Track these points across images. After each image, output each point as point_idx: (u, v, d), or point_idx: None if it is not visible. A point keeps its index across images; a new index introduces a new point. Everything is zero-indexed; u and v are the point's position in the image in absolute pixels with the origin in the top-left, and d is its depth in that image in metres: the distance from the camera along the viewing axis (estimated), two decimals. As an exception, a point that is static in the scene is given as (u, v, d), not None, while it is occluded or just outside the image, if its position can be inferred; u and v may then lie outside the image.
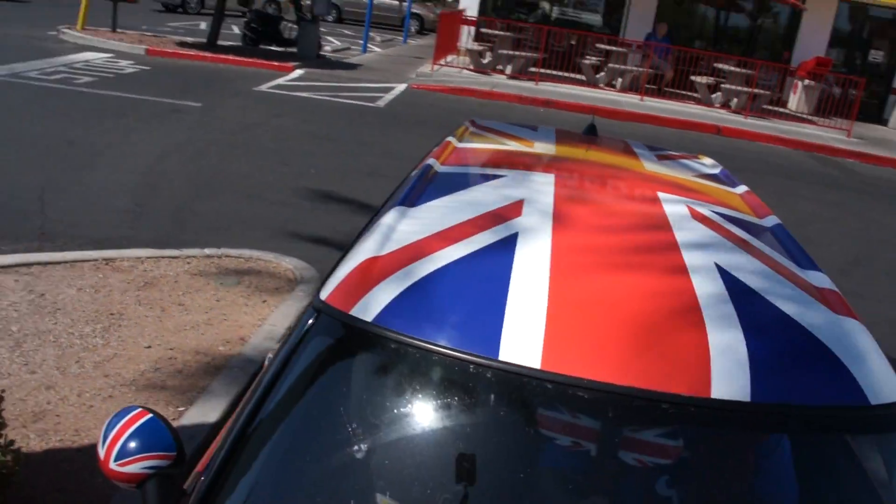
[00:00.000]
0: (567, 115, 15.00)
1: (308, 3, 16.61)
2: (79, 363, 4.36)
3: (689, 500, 1.87)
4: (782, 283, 2.19)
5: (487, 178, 2.77)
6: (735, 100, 18.03)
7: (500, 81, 17.20)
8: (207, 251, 6.16)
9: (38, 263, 5.57)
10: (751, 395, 1.69)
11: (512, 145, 3.57)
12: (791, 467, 1.95)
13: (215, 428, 3.93)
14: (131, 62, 14.54)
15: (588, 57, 18.78)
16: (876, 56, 20.73)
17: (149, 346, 4.64)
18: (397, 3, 31.93)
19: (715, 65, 18.72)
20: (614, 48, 18.66)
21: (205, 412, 3.99)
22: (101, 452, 1.88)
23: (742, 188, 3.33)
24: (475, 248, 2.06)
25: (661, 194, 2.87)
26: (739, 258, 2.27)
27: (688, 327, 1.83)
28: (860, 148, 15.60)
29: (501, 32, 18.23)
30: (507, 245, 2.10)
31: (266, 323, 5.06)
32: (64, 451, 3.64)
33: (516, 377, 1.69)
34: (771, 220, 2.88)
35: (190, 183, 8.04)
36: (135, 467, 1.85)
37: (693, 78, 18.51)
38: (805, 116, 18.96)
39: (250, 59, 15.66)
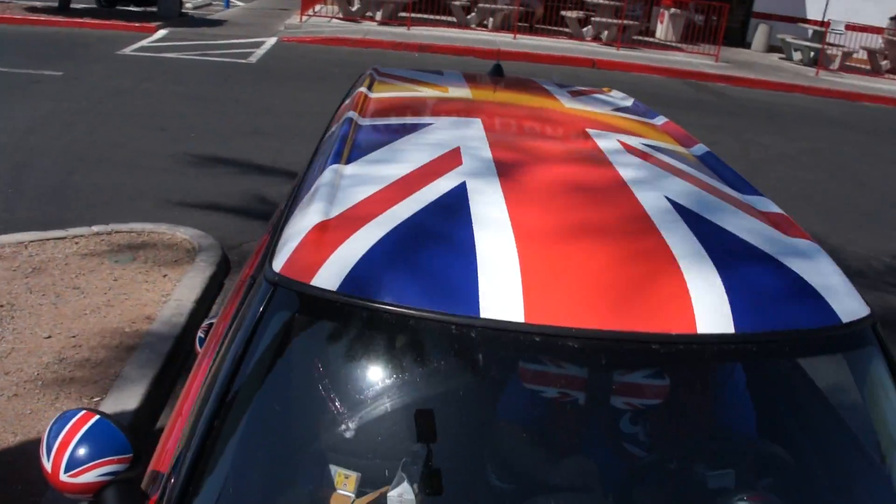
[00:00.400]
0: (444, 59, 14.83)
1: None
2: (-28, 362, 4.03)
3: (684, 436, 1.83)
4: (735, 212, 2.16)
5: (414, 127, 2.63)
6: (605, 32, 18.21)
7: (371, 28, 16.86)
8: (95, 228, 5.80)
9: None
10: (734, 326, 1.67)
11: (426, 91, 3.43)
12: (777, 392, 1.94)
13: (150, 418, 3.70)
14: (-23, 32, 13.55)
15: (457, -2, 18.60)
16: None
17: (49, 336, 4.33)
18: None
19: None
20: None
21: (122, 400, 3.75)
22: (48, 464, 1.68)
23: (661, 119, 3.30)
24: (426, 202, 1.93)
25: (590, 131, 2.80)
26: (687, 190, 2.23)
27: (662, 267, 1.78)
28: (729, 72, 16.04)
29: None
30: (459, 197, 1.99)
31: (171, 298, 4.80)
32: (-26, 459, 3.36)
33: (502, 333, 1.60)
34: (700, 149, 2.85)
35: (63, 158, 7.55)
36: (89, 476, 1.66)
37: (563, 13, 18.58)
38: (673, 44, 19.36)
39: (108, 22, 14.82)
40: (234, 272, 5.47)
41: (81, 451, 1.67)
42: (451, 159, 2.27)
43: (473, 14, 18.60)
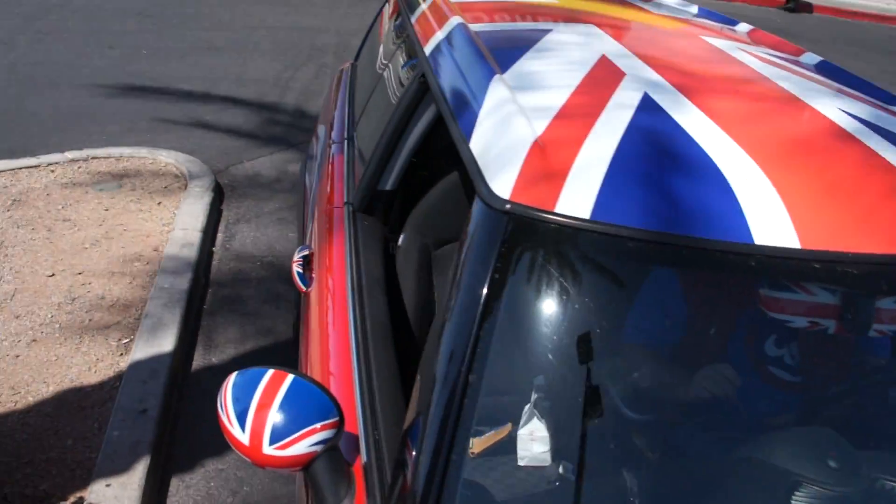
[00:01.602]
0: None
1: None
2: (-25, 306, 3.68)
3: None
4: None
5: (540, 33, 2.35)
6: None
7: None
8: (70, 155, 5.36)
9: None
10: None
11: None
12: None
13: (186, 361, 3.42)
14: None
15: None
16: None
17: (52, 275, 3.98)
18: None
19: None
20: None
21: (155, 342, 3.46)
22: (242, 437, 1.42)
23: (745, 25, 3.08)
24: (627, 117, 1.68)
25: (713, 41, 2.56)
26: (850, 104, 2.03)
27: None
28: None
29: None
30: (657, 110, 1.74)
31: (175, 228, 4.46)
32: (9, 415, 3.05)
33: (780, 261, 1.40)
34: (813, 57, 2.66)
35: (10, 79, 6.97)
36: (300, 447, 1.41)
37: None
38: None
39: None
40: (229, 199, 5.14)
41: (285, 418, 1.42)
42: (607, 68, 2.02)
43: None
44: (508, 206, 1.44)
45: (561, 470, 1.39)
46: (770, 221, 1.42)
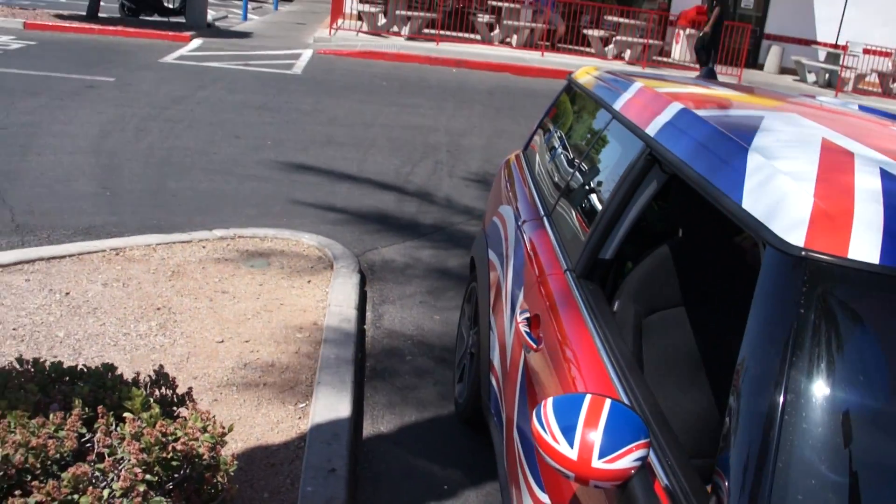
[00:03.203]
0: (480, 74, 14.79)
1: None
2: (155, 367, 3.86)
3: None
4: None
5: (756, 119, 2.52)
6: (628, 51, 18.27)
7: (400, 43, 16.78)
8: (218, 233, 5.64)
9: (41, 259, 4.94)
10: None
11: (697, 88, 3.30)
12: None
13: (357, 425, 3.54)
14: (13, 37, 13.30)
15: (482, 15, 18.58)
16: (748, 3, 21.45)
17: (221, 341, 4.17)
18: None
19: (606, 17, 18.88)
20: (507, 4, 18.49)
21: (333, 406, 3.59)
22: (571, 452, 1.57)
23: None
24: (878, 182, 1.84)
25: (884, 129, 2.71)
26: None
27: None
28: (758, 93, 16.09)
29: (395, -7, 17.76)
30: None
31: (330, 304, 4.65)
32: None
33: None
34: None
35: (148, 162, 7.38)
36: (624, 462, 1.56)
37: (586, 31, 18.63)
38: (692, 65, 19.44)
39: (142, 31, 14.63)
40: (370, 281, 5.33)
41: (611, 437, 1.56)
42: (837, 149, 2.17)
43: (497, 31, 18.60)
44: (802, 253, 1.59)
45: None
46: None
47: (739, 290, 2.44)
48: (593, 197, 2.86)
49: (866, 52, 19.90)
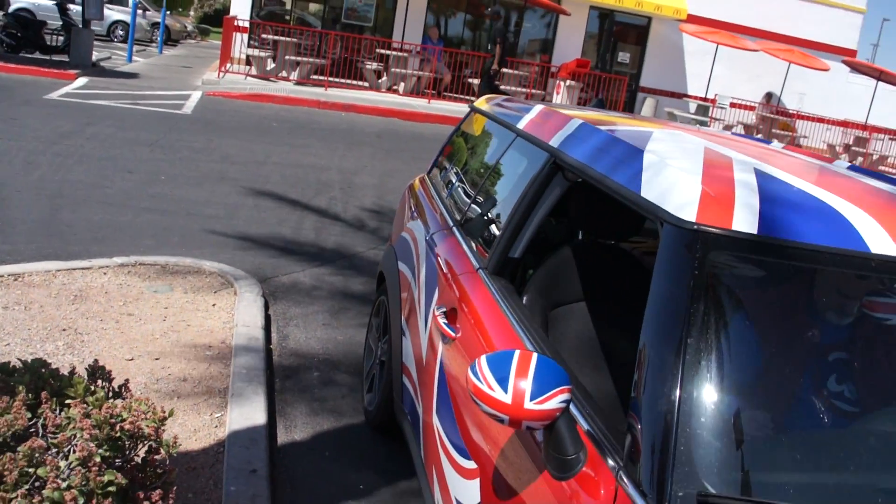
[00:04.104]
0: (368, 118, 15.09)
1: (77, 5, 15.42)
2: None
3: None
4: None
5: (647, 132, 2.86)
6: (511, 101, 18.91)
7: (289, 87, 16.94)
8: (118, 260, 5.66)
9: (-64, 284, 4.87)
10: None
11: (592, 113, 3.62)
12: None
13: (271, 431, 3.65)
14: None
15: (370, 62, 18.95)
16: (623, 57, 22.62)
17: (131, 359, 4.23)
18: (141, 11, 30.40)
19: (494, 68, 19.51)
20: (394, 52, 18.93)
21: (248, 414, 3.71)
22: (505, 397, 1.81)
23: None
24: (753, 177, 2.20)
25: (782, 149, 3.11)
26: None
27: None
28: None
29: (284, 38, 17.93)
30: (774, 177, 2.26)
31: (237, 325, 4.75)
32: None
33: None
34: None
35: (40, 195, 7.29)
36: (552, 403, 1.80)
37: (470, 80, 19.22)
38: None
39: (21, 67, 14.31)
40: (273, 305, 5.45)
41: (539, 383, 1.80)
42: (719, 153, 2.53)
43: (385, 78, 18.99)
44: (696, 227, 1.89)
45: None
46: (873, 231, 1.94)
47: (633, 288, 2.74)
48: (501, 205, 3.14)
49: (733, 105, 21.32)
